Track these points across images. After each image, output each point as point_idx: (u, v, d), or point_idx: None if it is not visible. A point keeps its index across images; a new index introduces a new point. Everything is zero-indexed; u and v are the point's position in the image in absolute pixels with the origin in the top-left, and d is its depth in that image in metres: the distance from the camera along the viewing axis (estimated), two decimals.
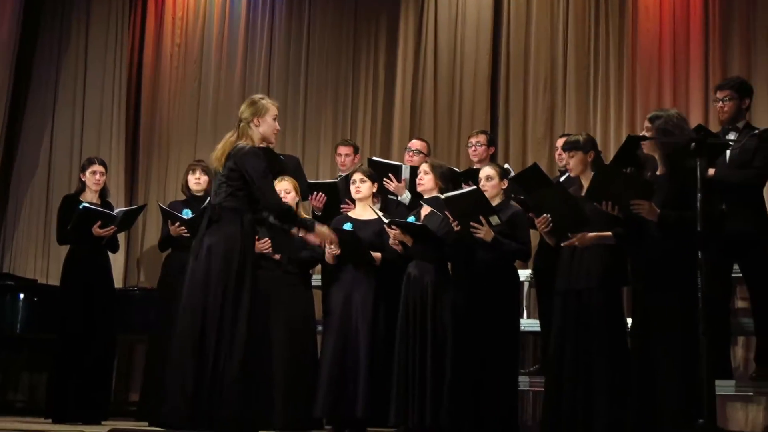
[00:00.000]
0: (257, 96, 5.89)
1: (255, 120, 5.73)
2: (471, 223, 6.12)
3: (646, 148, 5.61)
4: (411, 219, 6.57)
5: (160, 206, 7.65)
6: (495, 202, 6.32)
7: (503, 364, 6.19)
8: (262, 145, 5.81)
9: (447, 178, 6.63)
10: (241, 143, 5.67)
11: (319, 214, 7.33)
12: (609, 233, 5.68)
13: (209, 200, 7.29)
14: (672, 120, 5.50)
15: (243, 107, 5.80)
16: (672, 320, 5.31)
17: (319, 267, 7.16)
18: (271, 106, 5.80)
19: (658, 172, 5.60)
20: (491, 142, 7.60)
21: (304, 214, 6.97)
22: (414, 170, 6.98)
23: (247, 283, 5.59)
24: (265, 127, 5.77)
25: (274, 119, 5.82)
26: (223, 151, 5.68)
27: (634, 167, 6.00)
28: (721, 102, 6.40)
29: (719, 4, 8.06)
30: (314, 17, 9.91)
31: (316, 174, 9.06)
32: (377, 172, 7.03)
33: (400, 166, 7.20)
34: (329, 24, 9.84)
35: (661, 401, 5.30)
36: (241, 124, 5.75)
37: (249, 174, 5.60)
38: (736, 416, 7.31)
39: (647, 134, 5.55)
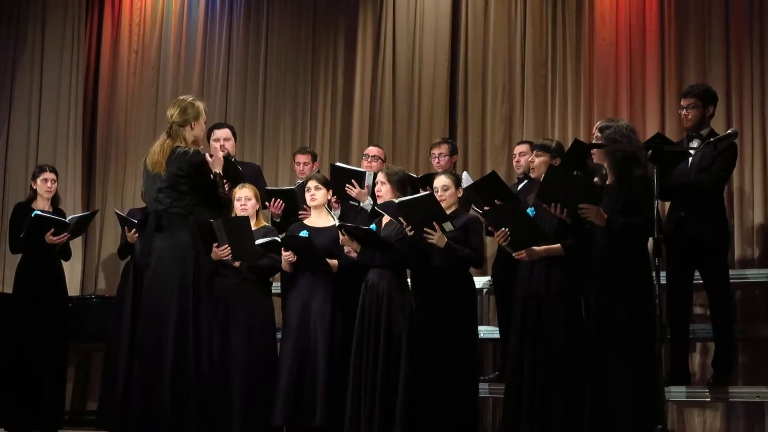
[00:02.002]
0: (188, 98, 5.78)
1: (192, 123, 5.66)
2: (424, 229, 6.14)
3: (596, 157, 5.66)
4: (372, 227, 6.57)
5: (116, 213, 7.60)
6: (450, 211, 6.34)
7: (462, 372, 6.19)
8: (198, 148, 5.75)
9: (404, 184, 6.62)
10: (181, 147, 5.58)
11: (278, 220, 7.31)
12: (558, 246, 5.74)
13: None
14: (621, 131, 5.56)
15: (176, 110, 5.66)
16: (623, 327, 5.37)
17: (279, 274, 7.13)
18: (203, 110, 5.75)
19: (607, 182, 5.65)
20: (454, 150, 7.61)
21: (264, 222, 6.97)
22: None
23: (203, 289, 5.56)
24: (198, 130, 5.73)
25: (204, 122, 5.80)
26: (163, 154, 5.57)
27: (583, 173, 6.06)
28: (685, 110, 6.44)
29: (674, 14, 8.13)
30: (272, 24, 9.89)
31: (275, 181, 9.04)
32: (340, 178, 7.02)
33: (364, 172, 7.15)
34: (287, 31, 9.82)
35: (614, 407, 5.36)
36: (174, 126, 5.64)
37: (201, 180, 5.56)
38: (692, 422, 7.37)
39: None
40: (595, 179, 5.81)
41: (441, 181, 6.46)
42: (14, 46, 10.05)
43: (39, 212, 7.38)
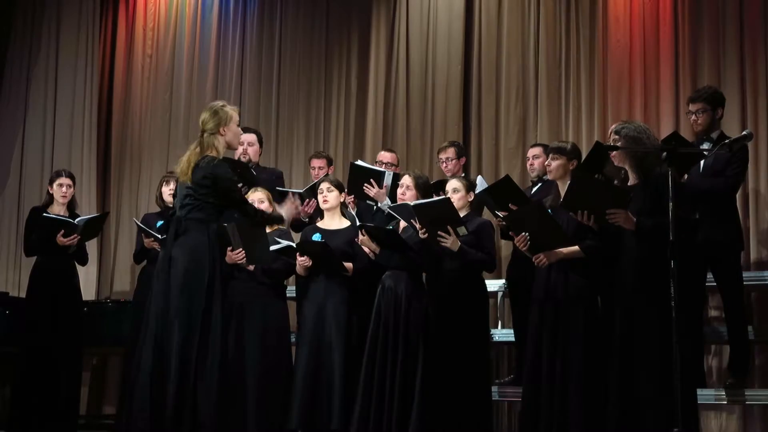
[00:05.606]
0: (217, 104, 5.85)
1: (221, 129, 5.73)
2: (438, 232, 6.15)
3: (616, 160, 5.61)
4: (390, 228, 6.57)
5: (135, 222, 7.62)
6: (461, 214, 6.34)
7: (475, 375, 6.19)
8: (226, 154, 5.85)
9: (429, 191, 6.67)
10: (208, 155, 5.65)
11: (305, 220, 7.25)
12: (577, 248, 5.72)
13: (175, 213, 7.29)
14: (640, 127, 5.53)
15: (205, 117, 5.75)
16: (648, 329, 5.32)
17: (293, 278, 7.13)
18: (233, 113, 5.81)
19: (630, 183, 5.61)
20: (461, 153, 7.55)
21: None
22: (397, 177, 6.96)
23: (217, 293, 5.58)
24: (230, 135, 5.79)
25: (237, 125, 5.86)
26: (189, 163, 5.66)
27: (603, 176, 6.03)
28: (694, 114, 6.42)
29: (689, 16, 8.11)
30: (286, 28, 9.91)
31: (289, 185, 9.04)
32: (359, 177, 6.99)
33: (383, 172, 7.13)
34: (301, 34, 9.84)
35: (640, 410, 5.32)
36: (205, 135, 5.72)
37: (222, 187, 5.62)
38: (709, 425, 7.34)
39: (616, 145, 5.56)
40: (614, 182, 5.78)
41: (452, 184, 6.50)
42: (29, 51, 10.10)
43: (46, 214, 7.41)
